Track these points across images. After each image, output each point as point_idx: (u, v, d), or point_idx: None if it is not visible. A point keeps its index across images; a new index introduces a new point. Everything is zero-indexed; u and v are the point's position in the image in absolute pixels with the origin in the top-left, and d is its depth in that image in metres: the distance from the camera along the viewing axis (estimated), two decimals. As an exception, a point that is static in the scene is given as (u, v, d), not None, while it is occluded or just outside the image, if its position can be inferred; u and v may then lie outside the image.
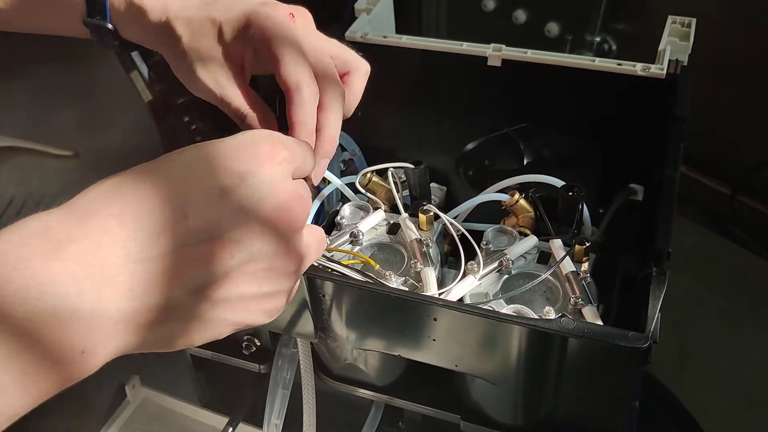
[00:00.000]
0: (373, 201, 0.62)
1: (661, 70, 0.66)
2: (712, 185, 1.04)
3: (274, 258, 0.36)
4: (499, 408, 0.53)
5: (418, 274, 0.54)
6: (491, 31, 1.06)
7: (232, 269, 0.34)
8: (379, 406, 0.61)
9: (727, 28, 0.94)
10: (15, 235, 0.30)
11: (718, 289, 0.91)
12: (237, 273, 0.35)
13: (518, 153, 0.67)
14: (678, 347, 0.86)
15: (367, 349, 0.54)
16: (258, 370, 0.60)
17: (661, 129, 0.63)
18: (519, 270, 0.55)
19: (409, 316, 0.49)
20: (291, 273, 0.38)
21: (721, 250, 0.98)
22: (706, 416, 0.79)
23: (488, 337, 0.48)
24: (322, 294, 0.51)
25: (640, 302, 0.50)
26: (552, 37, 1.03)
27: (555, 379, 0.48)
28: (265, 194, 0.35)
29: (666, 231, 0.51)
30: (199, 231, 0.33)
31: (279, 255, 0.36)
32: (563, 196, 0.57)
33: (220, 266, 0.34)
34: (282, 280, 0.37)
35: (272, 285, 0.37)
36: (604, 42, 1.01)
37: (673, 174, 0.55)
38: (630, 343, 0.43)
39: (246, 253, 0.35)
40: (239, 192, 0.35)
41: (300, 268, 0.39)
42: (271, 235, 0.35)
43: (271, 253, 0.36)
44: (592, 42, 1.01)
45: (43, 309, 0.29)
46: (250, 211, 0.35)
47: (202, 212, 0.34)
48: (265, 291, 0.36)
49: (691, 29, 0.71)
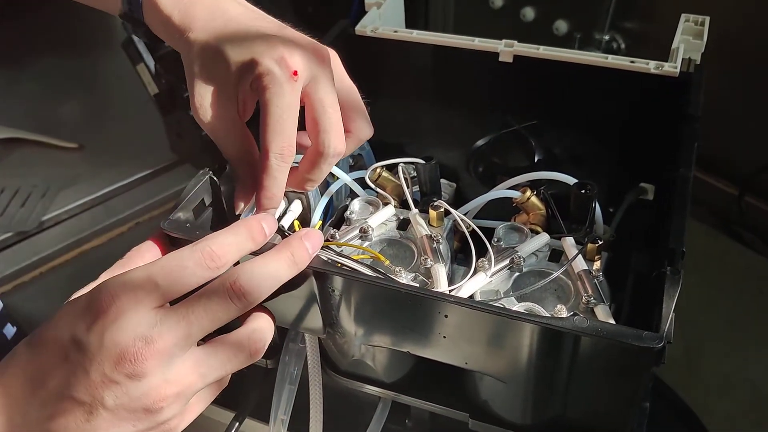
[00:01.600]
0: (383, 196, 0.61)
1: (675, 68, 0.65)
2: (720, 186, 1.04)
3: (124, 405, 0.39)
4: (509, 406, 0.53)
5: (428, 271, 0.54)
6: (499, 29, 1.06)
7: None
8: (386, 403, 0.60)
9: (736, 27, 0.94)
10: None
11: (724, 290, 0.91)
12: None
13: (529, 150, 0.67)
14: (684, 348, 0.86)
15: (376, 346, 0.54)
16: (265, 365, 0.59)
17: (674, 128, 0.63)
18: (530, 268, 0.55)
19: (419, 312, 0.48)
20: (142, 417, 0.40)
21: (727, 250, 0.97)
22: (712, 418, 0.78)
23: (500, 335, 0.47)
24: (331, 289, 0.51)
25: (653, 301, 0.49)
26: (560, 35, 1.03)
27: (566, 378, 0.48)
28: (100, 353, 0.39)
29: (680, 230, 0.50)
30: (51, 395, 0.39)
31: (128, 401, 0.39)
32: (576, 193, 0.56)
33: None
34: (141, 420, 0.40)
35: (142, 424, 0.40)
36: (613, 40, 1.01)
37: (687, 173, 0.55)
38: (644, 343, 0.43)
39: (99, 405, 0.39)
40: (75, 357, 0.39)
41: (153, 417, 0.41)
42: (116, 387, 0.39)
43: (118, 402, 0.39)
44: (601, 40, 1.01)
45: None
46: (90, 370, 0.39)
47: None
48: (140, 428, 0.40)
49: (704, 28, 0.71)
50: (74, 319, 0.40)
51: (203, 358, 0.42)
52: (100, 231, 1.09)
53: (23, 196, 1.13)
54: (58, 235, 1.08)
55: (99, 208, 1.13)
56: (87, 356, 0.39)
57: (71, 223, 1.10)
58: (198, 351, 0.43)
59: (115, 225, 1.10)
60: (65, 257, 1.05)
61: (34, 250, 1.05)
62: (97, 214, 1.12)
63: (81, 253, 1.06)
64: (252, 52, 0.48)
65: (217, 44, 0.50)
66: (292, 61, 0.48)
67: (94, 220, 1.10)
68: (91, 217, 1.11)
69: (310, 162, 0.52)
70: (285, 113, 0.48)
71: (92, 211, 1.12)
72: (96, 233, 1.08)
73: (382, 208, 0.59)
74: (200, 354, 0.42)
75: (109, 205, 1.13)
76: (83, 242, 1.07)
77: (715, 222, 1.02)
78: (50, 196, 1.13)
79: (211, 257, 0.42)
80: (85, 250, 1.07)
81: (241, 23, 0.51)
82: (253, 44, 0.49)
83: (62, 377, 0.39)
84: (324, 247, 0.54)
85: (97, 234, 1.08)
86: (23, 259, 1.03)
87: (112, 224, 1.10)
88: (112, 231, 1.09)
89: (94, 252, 1.06)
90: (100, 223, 1.09)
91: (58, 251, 1.05)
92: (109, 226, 1.10)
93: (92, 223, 1.10)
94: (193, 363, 0.42)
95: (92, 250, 1.07)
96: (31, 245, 1.06)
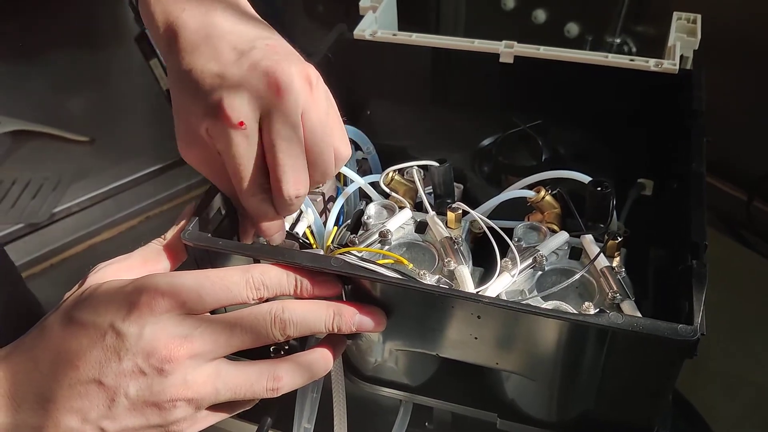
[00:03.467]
0: (397, 200, 0.61)
1: (674, 65, 0.67)
2: (727, 189, 1.04)
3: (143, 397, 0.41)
4: (538, 404, 0.53)
5: (451, 273, 0.54)
6: (510, 31, 1.06)
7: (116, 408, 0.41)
8: (408, 406, 0.60)
9: (744, 30, 0.95)
10: None
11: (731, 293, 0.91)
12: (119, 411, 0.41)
13: (535, 149, 0.68)
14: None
15: (403, 349, 0.54)
16: (285, 374, 0.58)
17: (675, 124, 0.64)
18: (552, 266, 0.55)
19: (450, 314, 0.48)
20: (165, 408, 0.41)
21: (734, 254, 0.98)
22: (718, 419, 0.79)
23: (533, 334, 0.47)
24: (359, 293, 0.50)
25: (677, 295, 0.50)
26: (571, 38, 1.03)
27: (597, 373, 0.48)
28: (137, 344, 0.40)
29: (700, 224, 0.51)
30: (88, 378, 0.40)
31: (148, 395, 0.41)
32: (591, 191, 0.57)
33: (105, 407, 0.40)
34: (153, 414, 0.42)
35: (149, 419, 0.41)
36: (624, 43, 1.02)
37: (699, 168, 0.56)
38: (680, 336, 0.43)
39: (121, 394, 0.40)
40: (112, 343, 0.41)
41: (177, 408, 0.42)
42: (143, 378, 0.41)
43: (140, 394, 0.41)
44: (612, 43, 1.02)
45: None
46: (123, 358, 0.41)
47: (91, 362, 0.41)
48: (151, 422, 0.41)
49: (697, 25, 0.72)
50: (116, 308, 0.41)
51: (224, 374, 0.43)
52: (111, 224, 1.09)
53: (34, 188, 1.12)
54: (69, 227, 1.07)
55: (109, 202, 1.13)
56: (124, 344, 0.40)
57: (82, 216, 1.10)
58: (224, 366, 0.43)
59: (126, 218, 1.10)
60: (75, 249, 1.05)
61: (45, 241, 1.05)
62: (108, 207, 1.11)
63: (91, 246, 1.06)
64: (200, 98, 0.46)
65: (182, 86, 0.47)
66: (231, 109, 0.45)
67: (105, 213, 1.10)
68: (101, 210, 1.11)
69: (276, 202, 0.49)
70: (240, 161, 0.46)
71: (103, 204, 1.12)
72: (106, 226, 1.08)
73: (398, 212, 0.59)
74: (224, 369, 0.43)
75: (119, 199, 1.13)
76: (93, 235, 1.07)
77: (721, 226, 1.03)
78: (61, 188, 1.12)
79: (258, 286, 0.44)
80: (95, 243, 1.06)
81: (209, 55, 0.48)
82: (201, 90, 0.46)
83: (95, 361, 0.40)
84: (345, 252, 0.53)
85: (107, 227, 1.08)
86: (34, 250, 1.03)
87: (123, 218, 1.10)
88: (122, 224, 1.09)
89: (104, 245, 1.06)
90: (111, 216, 1.09)
91: (68, 243, 1.05)
92: (120, 220, 1.09)
93: (103, 216, 1.09)
94: (213, 375, 0.43)
95: (102, 242, 1.06)
96: (41, 237, 1.06)
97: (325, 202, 0.63)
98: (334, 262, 0.49)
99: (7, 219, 1.05)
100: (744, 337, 0.87)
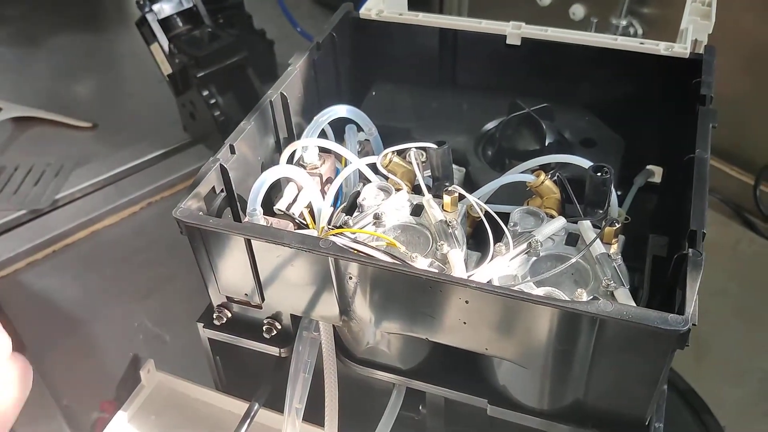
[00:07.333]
0: (394, 182, 0.61)
1: (685, 49, 0.65)
2: (734, 174, 1.03)
3: None
4: (529, 391, 0.53)
5: (444, 257, 0.53)
6: (515, 13, 1.05)
7: None
8: (401, 389, 0.60)
9: (753, 14, 0.92)
10: None
11: (736, 278, 0.90)
12: None
13: (539, 133, 0.66)
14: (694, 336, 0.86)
15: (393, 333, 0.53)
16: (278, 354, 0.59)
17: (685, 110, 0.62)
18: (547, 252, 0.54)
19: (439, 298, 0.48)
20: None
21: (740, 239, 0.97)
22: (722, 406, 0.78)
23: (522, 320, 0.47)
24: (348, 276, 0.50)
25: (673, 283, 0.49)
26: (577, 20, 1.02)
27: (587, 361, 0.48)
28: None
29: (700, 211, 0.50)
30: None
31: None
32: (591, 176, 0.56)
33: None
34: None
35: None
36: (630, 25, 1.00)
37: (704, 154, 0.55)
38: (670, 326, 0.42)
39: None
40: None
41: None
42: None
43: None
44: (618, 25, 1.01)
45: None
46: None
47: None
48: None
49: (712, 8, 0.70)
50: None
51: None
52: (113, 210, 1.09)
53: (37, 174, 1.13)
54: (71, 213, 1.07)
55: (112, 188, 1.12)
56: None
57: (84, 202, 1.10)
58: None
59: (128, 204, 1.10)
60: (78, 236, 1.05)
61: (48, 228, 1.05)
62: (110, 193, 1.11)
63: (93, 232, 1.06)
64: None
65: None
66: None
67: (107, 199, 1.10)
68: (103, 196, 1.11)
69: None
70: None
71: (105, 190, 1.12)
72: (109, 212, 1.08)
73: (394, 194, 0.58)
74: None
75: (121, 185, 1.13)
76: (96, 221, 1.07)
77: (728, 210, 1.02)
78: (64, 174, 1.13)
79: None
80: (97, 229, 1.07)
81: None
82: None
83: None
84: (338, 233, 0.53)
85: (109, 213, 1.08)
86: (36, 236, 1.03)
87: (125, 204, 1.10)
88: (124, 210, 1.09)
89: (106, 231, 1.06)
90: (113, 202, 1.09)
91: (71, 230, 1.05)
92: (122, 206, 1.09)
93: (105, 202, 1.09)
94: None
95: (105, 229, 1.07)
96: (44, 223, 1.06)
97: (323, 183, 0.62)
98: (323, 244, 0.49)
99: (10, 205, 1.06)
100: (749, 323, 0.86)
